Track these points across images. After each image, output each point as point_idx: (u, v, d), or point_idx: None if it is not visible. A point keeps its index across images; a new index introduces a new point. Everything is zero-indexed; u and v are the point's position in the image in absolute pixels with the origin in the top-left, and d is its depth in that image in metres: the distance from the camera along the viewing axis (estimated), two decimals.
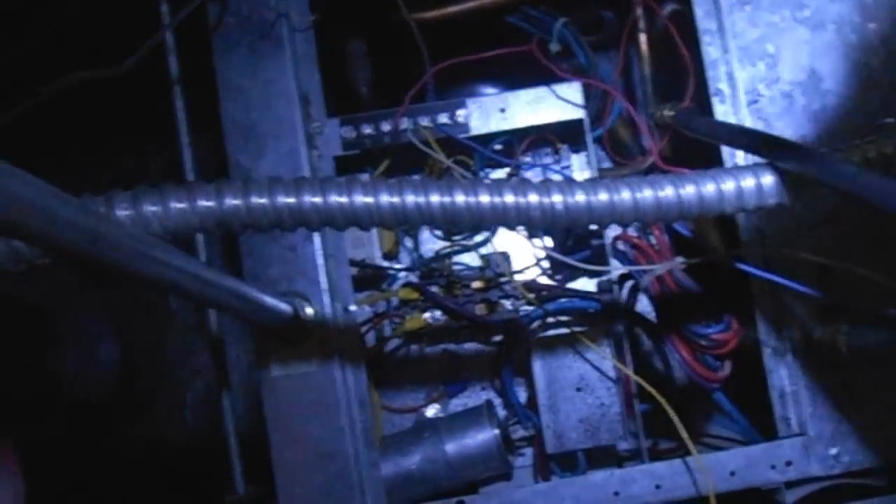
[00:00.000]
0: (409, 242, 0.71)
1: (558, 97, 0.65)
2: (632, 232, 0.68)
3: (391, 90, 0.70)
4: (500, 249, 0.70)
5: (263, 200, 0.42)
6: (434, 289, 0.68)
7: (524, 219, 0.45)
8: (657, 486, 0.62)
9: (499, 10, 0.72)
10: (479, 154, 0.68)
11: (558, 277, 0.70)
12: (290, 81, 0.67)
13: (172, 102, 0.68)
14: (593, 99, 0.68)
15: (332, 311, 0.66)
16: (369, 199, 0.43)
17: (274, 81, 0.67)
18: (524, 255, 0.71)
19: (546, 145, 0.70)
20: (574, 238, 0.65)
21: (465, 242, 0.71)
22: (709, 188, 0.47)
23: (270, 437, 0.63)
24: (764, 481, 0.61)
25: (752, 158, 0.58)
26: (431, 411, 0.71)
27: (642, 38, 0.70)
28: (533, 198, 0.44)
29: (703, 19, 0.65)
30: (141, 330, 0.74)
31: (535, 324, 0.68)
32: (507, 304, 0.69)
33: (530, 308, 0.66)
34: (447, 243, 0.71)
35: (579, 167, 0.71)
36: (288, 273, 0.66)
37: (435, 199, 0.43)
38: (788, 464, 0.62)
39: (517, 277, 0.68)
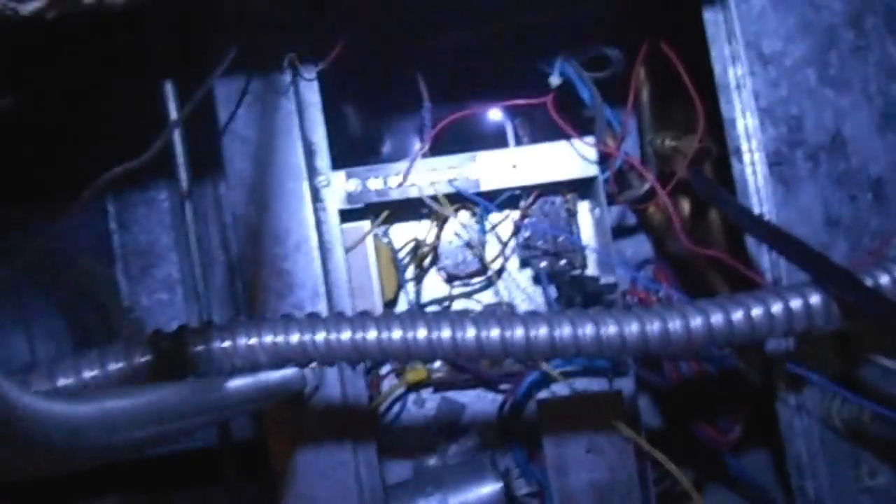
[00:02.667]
0: (410, 290, 0.67)
1: (575, 153, 0.60)
2: (639, 286, 0.64)
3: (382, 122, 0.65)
4: (504, 299, 0.67)
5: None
6: None
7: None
8: None
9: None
10: (484, 206, 0.63)
11: None
12: (296, 132, 0.61)
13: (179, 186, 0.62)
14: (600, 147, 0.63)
15: (338, 369, 0.61)
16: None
17: (279, 132, 0.62)
18: (530, 306, 0.67)
19: (553, 193, 0.63)
20: (583, 294, 0.61)
21: (466, 289, 0.67)
22: (758, 312, 0.41)
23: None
24: None
25: None
26: (432, 461, 0.66)
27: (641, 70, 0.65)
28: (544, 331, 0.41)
29: (722, 76, 0.60)
30: (92, 328, 0.69)
31: (541, 379, 0.63)
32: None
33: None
34: (448, 289, 0.67)
35: (586, 214, 0.64)
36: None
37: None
38: None
39: None
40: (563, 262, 0.63)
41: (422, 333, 0.40)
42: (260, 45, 0.58)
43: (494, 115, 0.65)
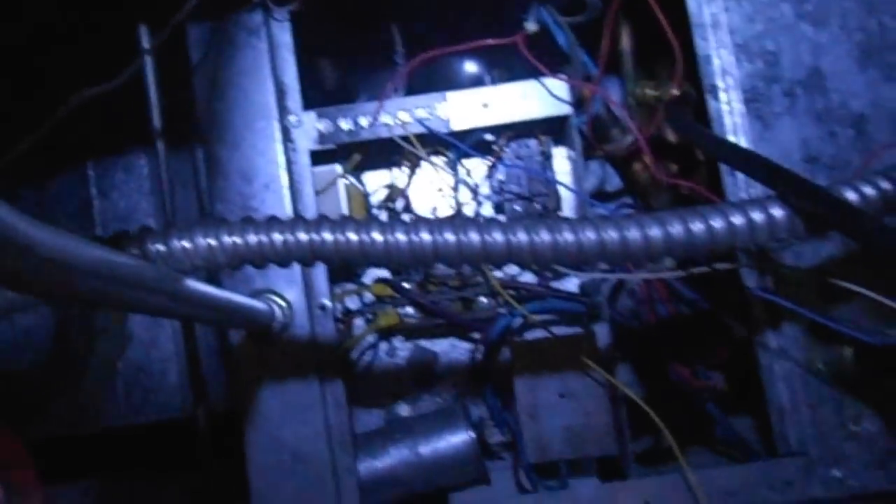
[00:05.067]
0: None
1: (546, 91, 0.57)
2: None
3: (359, 74, 0.63)
4: None
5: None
6: (408, 285, 0.57)
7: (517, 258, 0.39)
8: (647, 503, 0.54)
9: None
10: (457, 148, 0.58)
11: (544, 278, 0.62)
12: (267, 72, 0.57)
13: (151, 122, 0.60)
14: (575, 87, 0.60)
15: (307, 309, 0.58)
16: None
17: (250, 72, 0.59)
18: None
19: (527, 136, 0.59)
20: None
21: None
22: (719, 223, 0.38)
23: (246, 441, 0.53)
24: (761, 502, 0.50)
25: None
26: (403, 409, 0.63)
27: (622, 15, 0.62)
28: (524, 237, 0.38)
29: (696, 13, 0.56)
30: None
31: (515, 324, 0.60)
32: (485, 302, 0.61)
33: (509, 307, 0.56)
34: None
35: (562, 160, 0.60)
36: (265, 273, 0.58)
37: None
38: (788, 484, 0.51)
39: (496, 275, 0.60)
40: (537, 205, 0.60)
41: (377, 236, 0.37)
42: None
43: (468, 61, 0.63)
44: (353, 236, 0.38)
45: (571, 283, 0.59)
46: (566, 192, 0.60)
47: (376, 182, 0.63)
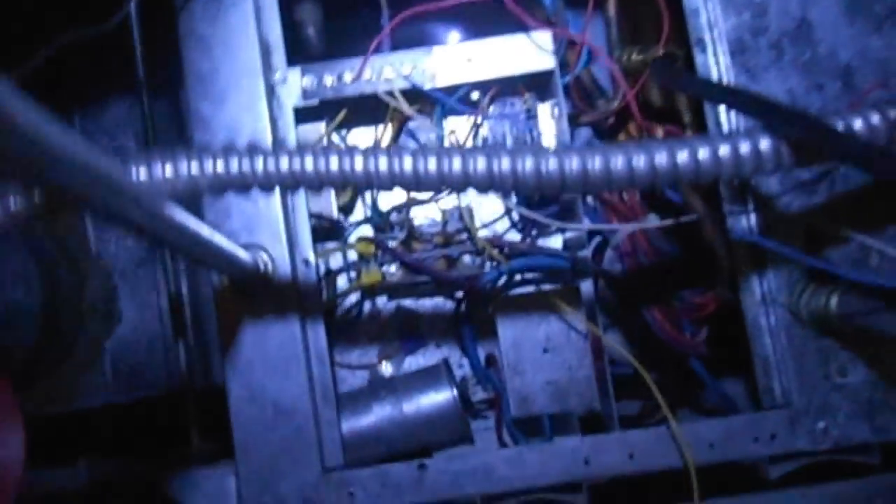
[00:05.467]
0: (366, 195, 0.63)
1: (531, 45, 0.56)
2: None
3: (342, 35, 0.62)
4: (463, 204, 0.58)
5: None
6: (392, 243, 0.57)
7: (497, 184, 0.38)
8: (630, 456, 0.49)
9: None
10: (441, 104, 0.57)
11: (528, 235, 0.61)
12: (252, 30, 0.57)
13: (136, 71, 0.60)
14: (560, 46, 0.56)
15: (291, 264, 0.58)
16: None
17: (236, 30, 0.59)
18: (489, 209, 0.59)
19: (512, 94, 0.58)
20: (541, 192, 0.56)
21: (425, 197, 0.63)
22: (704, 153, 0.38)
23: (228, 392, 0.52)
24: (746, 454, 0.48)
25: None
26: (386, 369, 0.62)
27: None
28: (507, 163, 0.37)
29: None
30: (63, 274, 0.66)
31: (500, 281, 0.59)
32: (469, 260, 0.59)
33: (493, 264, 0.55)
34: (406, 196, 0.63)
35: (546, 119, 0.58)
36: (248, 225, 0.57)
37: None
38: (773, 437, 0.50)
39: (480, 233, 0.58)
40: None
41: (359, 163, 0.37)
42: None
43: (453, 18, 0.62)
44: (334, 163, 0.37)
45: (556, 241, 0.59)
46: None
47: (361, 140, 0.62)
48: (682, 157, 0.37)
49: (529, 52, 0.55)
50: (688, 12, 0.54)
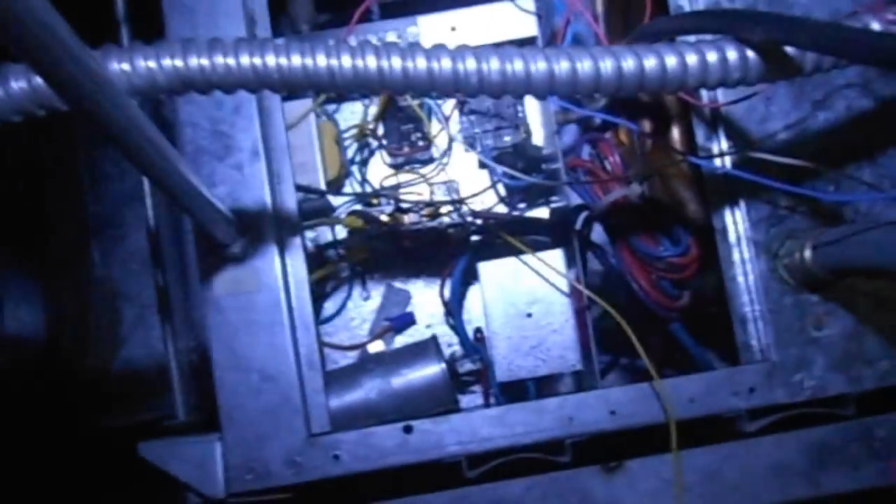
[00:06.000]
0: (355, 171, 0.63)
1: (517, 8, 0.57)
2: (585, 157, 0.61)
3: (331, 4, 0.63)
4: (449, 178, 0.60)
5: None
6: (380, 217, 0.60)
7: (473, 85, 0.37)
8: (612, 412, 0.49)
9: None
10: None
11: (515, 208, 0.62)
12: (237, 1, 0.61)
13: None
14: (545, 23, 0.58)
15: (276, 235, 0.58)
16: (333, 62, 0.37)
17: (220, 1, 0.61)
18: (475, 183, 0.61)
19: None
20: (525, 160, 0.57)
21: (412, 173, 0.63)
22: (671, 60, 0.37)
23: (213, 359, 0.52)
24: (726, 408, 0.49)
25: None
26: (376, 348, 0.62)
27: None
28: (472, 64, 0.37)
29: None
30: (66, 296, 0.65)
31: (484, 250, 0.59)
32: (456, 232, 0.60)
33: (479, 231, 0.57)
34: (393, 172, 0.63)
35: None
36: (234, 193, 0.57)
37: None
38: (751, 390, 0.51)
39: (467, 207, 0.60)
40: (507, 138, 0.60)
41: (321, 61, 0.36)
42: None
43: None
44: (295, 59, 0.36)
45: (543, 212, 0.60)
46: (536, 127, 0.60)
47: (349, 115, 0.63)
48: (649, 63, 0.37)
49: (514, 19, 0.56)
50: None
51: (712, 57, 0.36)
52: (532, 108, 0.61)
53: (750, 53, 0.37)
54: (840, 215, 0.51)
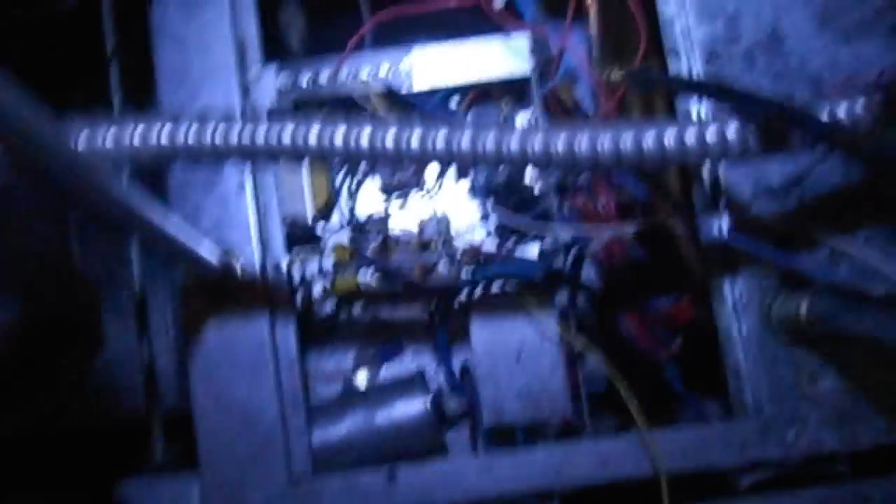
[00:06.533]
0: (343, 201, 0.62)
1: (510, 49, 0.56)
2: (578, 196, 0.59)
3: (325, 34, 0.62)
4: (440, 212, 0.58)
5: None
6: (367, 250, 0.56)
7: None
8: (602, 464, 0.49)
9: None
10: (419, 109, 0.57)
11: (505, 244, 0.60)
12: (227, 26, 0.56)
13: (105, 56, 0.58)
14: (538, 48, 0.55)
15: (261, 267, 0.56)
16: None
17: (210, 25, 0.58)
18: (465, 218, 0.58)
19: (490, 100, 0.57)
20: (517, 199, 0.56)
21: (403, 201, 0.62)
22: (670, 135, 0.38)
23: (194, 400, 0.51)
24: (718, 463, 0.48)
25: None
26: (361, 378, 0.61)
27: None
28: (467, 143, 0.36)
29: None
30: (44, 292, 0.63)
31: (475, 290, 0.58)
32: (445, 268, 0.60)
33: (469, 272, 0.56)
34: (383, 204, 0.62)
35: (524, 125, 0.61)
36: (219, 226, 0.56)
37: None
38: (743, 446, 0.51)
39: (457, 242, 0.56)
40: (499, 171, 0.59)
41: (286, 137, 0.35)
42: None
43: (434, 19, 0.62)
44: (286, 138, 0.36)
45: (533, 250, 0.58)
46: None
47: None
48: (648, 140, 0.36)
49: (507, 56, 0.55)
50: (662, 21, 0.54)
51: (711, 130, 0.35)
52: None
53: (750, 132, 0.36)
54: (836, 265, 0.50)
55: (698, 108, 0.52)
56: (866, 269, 0.48)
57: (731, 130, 0.36)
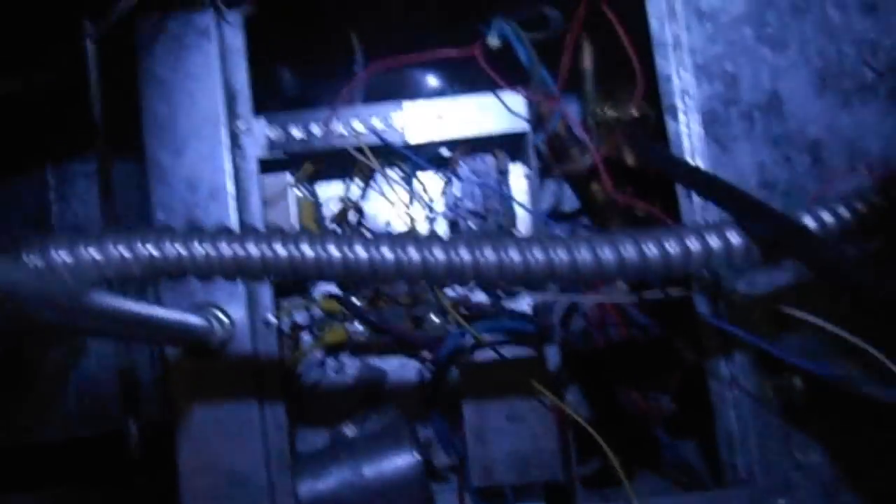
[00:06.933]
0: None
1: (504, 106, 0.55)
2: None
3: (318, 81, 0.60)
4: None
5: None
6: (358, 301, 0.56)
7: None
8: None
9: None
10: (412, 161, 0.55)
11: (496, 297, 0.60)
12: (216, 76, 0.55)
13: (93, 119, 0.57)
14: (534, 104, 0.55)
15: (250, 324, 0.55)
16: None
17: (198, 75, 0.56)
18: None
19: (483, 151, 0.57)
20: None
21: None
22: (673, 247, 0.36)
23: (179, 462, 0.50)
24: None
25: None
26: (349, 429, 0.60)
27: (585, 33, 0.60)
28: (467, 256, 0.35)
29: (658, 32, 0.54)
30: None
31: (465, 344, 0.57)
32: (436, 320, 0.59)
33: (460, 326, 0.55)
34: None
35: (518, 177, 0.58)
36: (205, 283, 0.55)
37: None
38: None
39: (447, 293, 0.56)
40: (492, 223, 0.58)
41: (308, 251, 0.35)
42: None
43: (428, 70, 0.60)
44: (280, 250, 0.35)
45: (524, 303, 0.57)
46: (522, 211, 0.58)
47: (330, 193, 0.60)
48: (651, 251, 0.35)
49: (502, 112, 0.54)
50: (660, 78, 0.53)
51: (715, 243, 0.35)
52: (519, 191, 0.59)
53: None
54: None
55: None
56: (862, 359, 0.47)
57: (737, 243, 0.36)
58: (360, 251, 0.35)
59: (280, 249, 0.35)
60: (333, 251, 0.35)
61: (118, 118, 0.56)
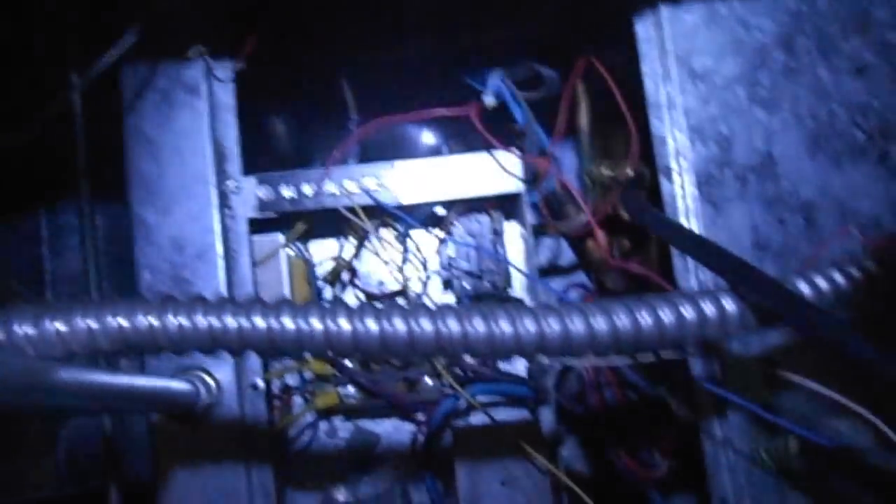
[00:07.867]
0: None
1: (499, 165, 0.55)
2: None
3: (311, 138, 0.59)
4: None
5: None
6: (350, 363, 0.55)
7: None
8: None
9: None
10: (405, 221, 0.55)
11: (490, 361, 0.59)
12: (205, 134, 0.54)
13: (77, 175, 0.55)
14: (529, 163, 0.56)
15: (237, 387, 0.54)
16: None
17: (187, 132, 0.55)
18: None
19: (478, 210, 0.56)
20: None
21: None
22: (667, 315, 0.35)
23: None
24: None
25: None
26: (341, 494, 0.58)
27: (581, 92, 0.61)
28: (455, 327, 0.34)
29: (653, 94, 0.54)
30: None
31: (459, 407, 0.56)
32: (429, 383, 0.58)
33: (453, 389, 0.54)
34: None
35: (514, 236, 0.57)
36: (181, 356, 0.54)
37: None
38: None
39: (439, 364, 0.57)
40: (486, 283, 0.57)
41: (289, 324, 0.33)
42: (166, 35, 0.52)
43: (423, 128, 0.60)
44: (259, 322, 0.33)
45: (519, 364, 0.56)
46: (518, 273, 0.57)
47: (323, 251, 0.59)
48: (645, 321, 0.34)
49: (497, 172, 0.53)
50: (655, 140, 0.52)
51: (710, 311, 0.34)
52: (514, 250, 0.58)
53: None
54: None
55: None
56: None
57: (732, 310, 0.35)
58: (344, 324, 0.33)
59: (259, 321, 0.34)
60: (315, 323, 0.33)
61: (108, 170, 0.54)
